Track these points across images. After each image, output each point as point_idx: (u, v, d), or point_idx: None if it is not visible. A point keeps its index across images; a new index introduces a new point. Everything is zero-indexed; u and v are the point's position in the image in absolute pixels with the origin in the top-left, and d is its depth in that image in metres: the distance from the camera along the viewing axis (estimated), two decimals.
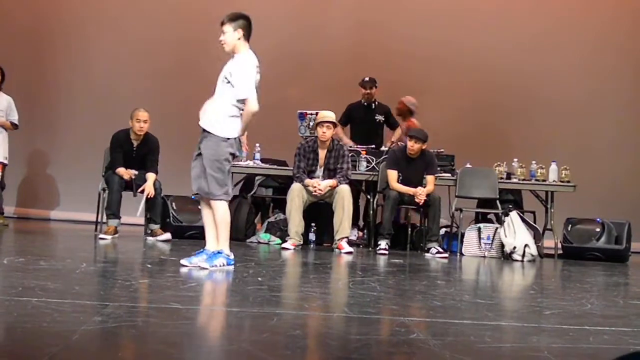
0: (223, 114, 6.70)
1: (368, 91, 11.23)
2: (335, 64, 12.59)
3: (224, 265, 6.67)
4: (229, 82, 6.69)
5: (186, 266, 6.63)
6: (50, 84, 12.81)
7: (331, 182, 9.85)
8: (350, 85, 11.41)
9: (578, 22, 12.89)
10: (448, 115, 12.52)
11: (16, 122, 10.80)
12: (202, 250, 6.81)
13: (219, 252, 6.72)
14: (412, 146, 10.00)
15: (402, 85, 12.30)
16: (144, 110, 9.93)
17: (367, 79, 11.24)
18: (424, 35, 12.78)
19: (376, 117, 11.34)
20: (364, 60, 12.54)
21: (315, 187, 9.82)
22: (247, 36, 6.78)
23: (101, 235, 9.52)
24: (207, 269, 6.54)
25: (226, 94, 6.71)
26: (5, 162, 10.75)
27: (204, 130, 6.74)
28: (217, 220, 6.74)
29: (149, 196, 9.72)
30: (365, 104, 11.33)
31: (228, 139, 6.72)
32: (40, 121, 12.38)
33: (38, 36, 12.80)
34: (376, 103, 11.36)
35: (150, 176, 9.82)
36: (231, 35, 6.72)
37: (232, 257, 6.80)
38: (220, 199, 6.71)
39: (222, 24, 6.75)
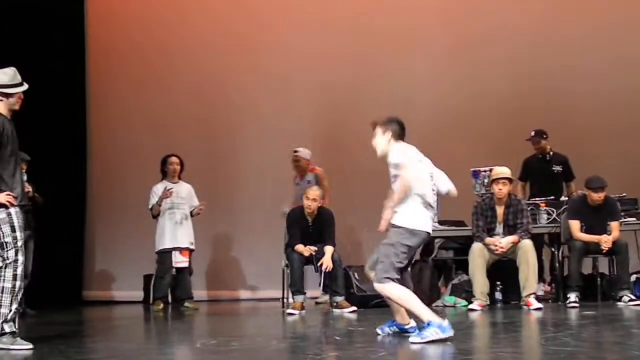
0: (405, 207, 6.48)
1: (537, 146, 11.09)
2: (499, 116, 12.50)
3: (437, 334, 6.26)
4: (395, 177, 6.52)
5: (380, 334, 6.57)
6: (227, 167, 13.16)
7: (512, 238, 9.70)
8: (515, 135, 11.31)
9: None
10: (626, 158, 12.20)
11: (201, 207, 11.16)
12: (393, 321, 6.75)
13: (429, 324, 6.31)
14: (599, 197, 9.74)
15: (570, 133, 12.20)
16: (315, 189, 10.14)
17: (533, 133, 11.10)
18: (584, 84, 12.61)
19: (554, 168, 11.14)
20: (528, 108, 12.44)
21: (497, 245, 9.69)
22: (398, 137, 6.66)
23: (289, 311, 9.68)
24: (419, 343, 6.21)
25: None
26: (192, 247, 11.09)
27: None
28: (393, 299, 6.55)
29: (327, 269, 9.85)
30: (540, 156, 11.17)
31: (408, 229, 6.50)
32: (219, 204, 12.69)
33: (212, 123, 13.23)
34: (551, 154, 11.18)
35: (328, 249, 9.95)
36: (380, 138, 6.65)
37: (444, 324, 6.37)
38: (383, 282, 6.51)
39: (374, 126, 6.72)
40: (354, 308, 9.76)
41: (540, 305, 9.29)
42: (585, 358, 5.47)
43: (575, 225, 9.86)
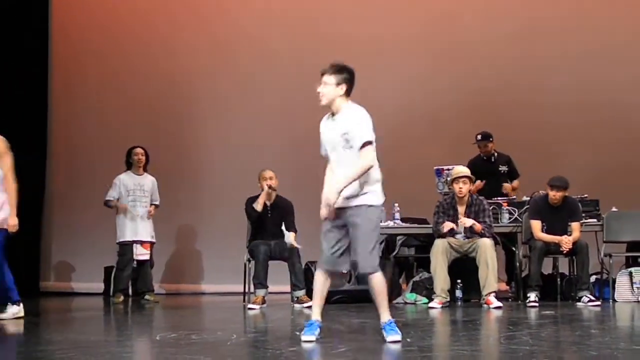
0: (371, 181, 6.16)
1: (484, 149, 11.14)
2: (464, 113, 12.53)
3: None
4: (351, 146, 6.10)
5: (309, 342, 6.11)
6: (192, 161, 13.13)
7: (475, 222, 9.72)
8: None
9: None
10: (590, 159, 12.29)
11: (157, 203, 11.17)
12: (313, 321, 6.27)
13: (390, 322, 6.17)
14: (555, 195, 9.82)
15: (533, 131, 12.27)
16: (269, 170, 10.30)
17: (479, 137, 11.14)
18: (550, 80, 12.72)
19: (500, 169, 11.20)
20: (493, 109, 12.51)
21: (461, 222, 9.73)
22: (349, 92, 6.19)
23: (250, 305, 9.69)
24: (399, 341, 6.05)
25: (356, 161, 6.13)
26: (153, 240, 11.06)
27: (350, 207, 6.15)
28: (379, 291, 6.23)
29: (290, 246, 10.00)
30: (485, 157, 11.21)
31: (380, 205, 6.26)
32: (183, 198, 12.67)
33: (177, 117, 13.18)
34: (496, 155, 11.23)
35: (291, 234, 10.13)
36: (333, 89, 6.11)
37: None
38: (379, 271, 6.27)
39: (323, 74, 6.16)
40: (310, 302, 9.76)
41: (500, 303, 9.32)
42: (543, 357, 5.49)
43: (536, 225, 9.91)
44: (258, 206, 10.23)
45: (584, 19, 12.89)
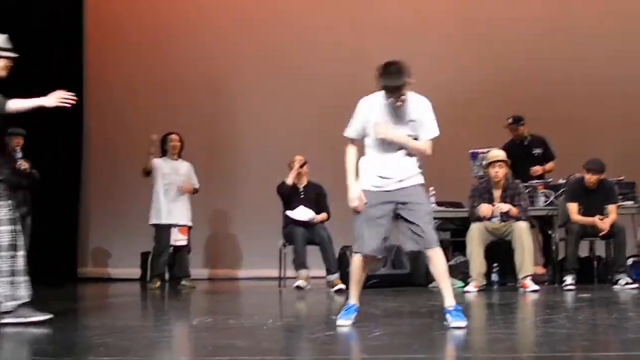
0: (418, 165, 6.23)
1: (515, 133, 11.06)
2: (500, 100, 12.46)
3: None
4: (415, 134, 6.17)
5: (344, 326, 6.10)
6: (222, 145, 13.18)
7: (510, 207, 9.64)
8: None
9: None
10: (623, 143, 12.17)
11: (197, 186, 11.18)
12: (351, 305, 6.21)
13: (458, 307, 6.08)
14: (590, 178, 9.74)
15: (571, 119, 12.17)
16: (298, 155, 10.54)
17: (509, 120, 11.05)
18: (584, 70, 12.65)
19: (534, 152, 11.09)
20: (531, 93, 12.43)
21: (497, 209, 9.67)
22: None
23: (297, 284, 9.95)
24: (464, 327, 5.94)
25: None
26: (190, 224, 11.09)
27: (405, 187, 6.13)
28: (442, 271, 6.14)
29: (314, 220, 10.28)
30: (518, 141, 11.12)
31: None
32: (219, 182, 12.71)
33: (209, 102, 13.24)
34: (529, 138, 11.13)
35: (321, 215, 10.43)
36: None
37: None
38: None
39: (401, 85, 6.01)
40: (343, 286, 9.68)
41: (536, 287, 9.29)
42: (581, 340, 5.46)
43: (573, 207, 9.84)
44: (289, 179, 10.37)
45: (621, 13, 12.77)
